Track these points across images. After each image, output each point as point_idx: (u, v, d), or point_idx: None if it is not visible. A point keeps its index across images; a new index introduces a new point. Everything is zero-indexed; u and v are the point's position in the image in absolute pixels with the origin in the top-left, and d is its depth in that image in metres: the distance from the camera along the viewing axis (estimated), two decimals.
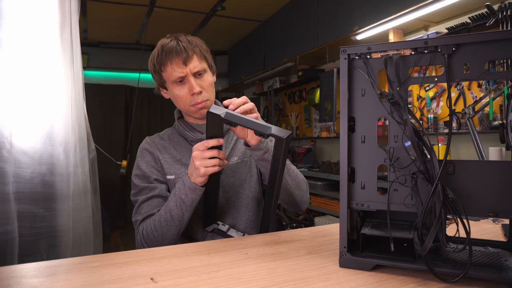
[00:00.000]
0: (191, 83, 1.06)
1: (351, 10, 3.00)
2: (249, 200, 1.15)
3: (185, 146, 1.16)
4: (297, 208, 1.14)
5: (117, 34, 4.82)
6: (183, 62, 1.05)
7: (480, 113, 2.33)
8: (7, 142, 1.07)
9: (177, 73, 1.06)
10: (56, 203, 1.20)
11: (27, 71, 1.15)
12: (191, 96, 1.07)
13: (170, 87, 1.11)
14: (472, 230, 0.97)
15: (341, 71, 0.69)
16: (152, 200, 1.07)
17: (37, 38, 1.17)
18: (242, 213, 1.13)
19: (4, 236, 1.03)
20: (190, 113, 1.12)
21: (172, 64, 1.06)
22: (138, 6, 3.82)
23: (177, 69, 1.06)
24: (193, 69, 1.06)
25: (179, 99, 1.10)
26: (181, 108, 1.14)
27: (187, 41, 1.08)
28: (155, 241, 0.99)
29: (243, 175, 1.15)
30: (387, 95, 0.66)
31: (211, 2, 3.78)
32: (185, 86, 1.08)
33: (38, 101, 1.18)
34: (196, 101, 1.08)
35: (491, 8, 2.19)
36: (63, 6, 1.24)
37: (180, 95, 1.08)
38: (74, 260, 0.74)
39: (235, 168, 1.15)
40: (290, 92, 4.67)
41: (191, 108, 1.09)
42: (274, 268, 0.68)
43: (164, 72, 1.08)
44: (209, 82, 1.11)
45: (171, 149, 1.15)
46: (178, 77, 1.06)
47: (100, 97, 4.91)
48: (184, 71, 1.06)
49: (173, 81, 1.08)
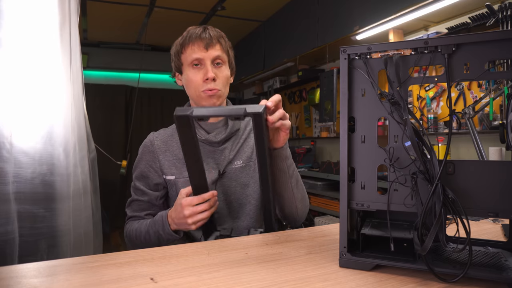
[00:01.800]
0: (207, 67, 1.04)
1: (351, 10, 3.00)
2: (251, 207, 1.12)
3: None
4: (294, 222, 1.13)
5: (117, 34, 4.82)
6: (204, 46, 1.04)
7: (480, 113, 2.33)
8: (7, 142, 1.07)
9: (196, 54, 1.04)
10: (56, 203, 1.20)
11: (27, 71, 1.15)
12: (203, 82, 1.05)
13: (185, 70, 1.08)
14: (472, 230, 0.97)
15: (341, 71, 0.69)
16: (141, 203, 1.13)
17: (36, 38, 1.17)
18: (243, 218, 1.11)
19: (4, 236, 1.03)
20: (199, 100, 1.08)
21: (193, 46, 1.04)
22: (138, 6, 3.82)
23: (197, 51, 1.04)
24: (212, 55, 1.05)
25: (191, 83, 1.07)
26: (191, 94, 1.10)
27: (214, 31, 1.08)
28: (137, 245, 1.04)
29: (246, 180, 1.12)
30: (387, 95, 0.66)
31: (211, 2, 3.78)
32: (201, 71, 1.05)
33: (38, 101, 1.18)
34: (208, 87, 1.05)
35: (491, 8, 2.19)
36: (63, 6, 1.24)
37: (193, 79, 1.06)
38: (74, 260, 0.74)
39: (239, 172, 1.11)
40: (290, 92, 4.67)
41: (201, 93, 1.06)
42: (274, 268, 0.68)
43: (183, 53, 1.07)
44: (226, 75, 1.09)
45: (175, 146, 1.13)
46: (196, 59, 1.04)
47: (100, 97, 4.91)
48: (203, 54, 1.04)
49: (190, 63, 1.06)
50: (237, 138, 1.15)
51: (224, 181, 1.09)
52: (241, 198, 1.11)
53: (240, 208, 1.11)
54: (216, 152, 1.10)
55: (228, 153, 1.11)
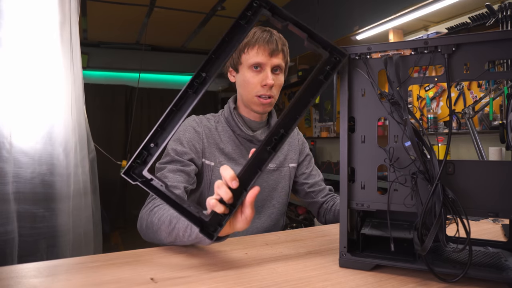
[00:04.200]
0: (267, 73, 1.04)
1: (351, 10, 3.00)
2: (274, 209, 1.15)
3: (230, 137, 1.11)
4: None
5: (117, 34, 4.82)
6: (269, 52, 1.04)
7: (480, 113, 2.33)
8: (7, 142, 1.07)
9: (259, 59, 1.04)
10: (56, 203, 1.20)
11: (27, 71, 1.15)
12: (261, 86, 1.05)
13: (243, 70, 1.08)
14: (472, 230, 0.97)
15: (341, 71, 0.69)
16: (179, 174, 0.99)
17: (37, 37, 1.17)
18: (264, 220, 1.13)
19: (4, 236, 1.03)
20: (251, 104, 1.09)
21: (259, 49, 1.04)
22: (138, 6, 3.82)
23: (261, 55, 1.04)
24: (274, 63, 1.05)
25: (249, 85, 1.07)
26: (245, 94, 1.09)
27: (279, 37, 1.08)
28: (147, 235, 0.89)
29: (274, 183, 1.14)
30: (387, 95, 0.66)
31: (211, 2, 3.78)
32: (260, 74, 1.05)
33: (38, 101, 1.18)
34: (263, 92, 1.05)
35: (491, 8, 2.19)
36: (63, 5, 1.24)
37: (252, 81, 1.06)
38: (74, 260, 0.74)
39: (269, 174, 1.14)
40: (290, 92, 4.67)
41: (255, 98, 1.07)
42: (274, 268, 0.68)
43: (246, 53, 1.06)
44: (281, 82, 1.10)
45: (215, 135, 1.11)
46: (257, 63, 1.04)
47: (100, 97, 4.90)
48: (266, 60, 1.04)
49: (250, 65, 1.05)
50: None
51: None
52: (267, 199, 1.13)
53: (263, 209, 1.13)
54: None
55: None
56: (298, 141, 1.24)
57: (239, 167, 1.07)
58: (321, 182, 1.24)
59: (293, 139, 1.23)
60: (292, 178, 1.20)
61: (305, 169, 1.23)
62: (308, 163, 1.25)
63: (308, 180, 1.21)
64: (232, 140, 1.11)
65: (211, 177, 1.07)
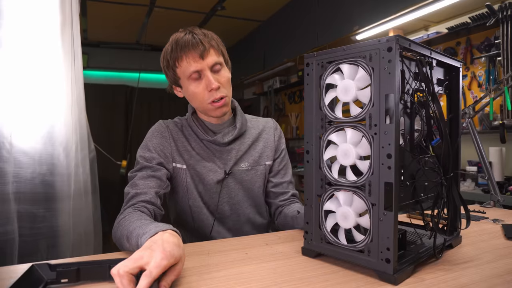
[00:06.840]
0: (209, 78, 0.99)
1: (351, 10, 3.00)
2: (251, 210, 1.13)
3: (195, 141, 1.10)
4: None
5: (117, 34, 4.83)
6: (199, 55, 0.98)
7: (480, 113, 2.33)
8: (7, 142, 1.07)
9: (193, 67, 0.99)
10: (56, 203, 1.20)
11: (27, 71, 1.15)
12: (208, 92, 1.01)
13: (185, 84, 1.04)
14: (472, 230, 0.97)
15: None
16: (150, 180, 0.99)
17: (37, 38, 1.17)
18: (244, 220, 1.13)
19: (4, 236, 1.03)
20: (208, 112, 1.05)
21: (188, 58, 0.99)
22: (138, 6, 3.82)
23: (193, 63, 0.99)
24: (210, 63, 1.00)
25: (196, 96, 1.02)
26: (197, 106, 1.07)
27: (202, 34, 1.01)
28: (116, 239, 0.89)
29: (250, 184, 1.12)
30: None
31: (211, 2, 3.78)
32: (202, 81, 1.01)
33: (38, 101, 1.18)
34: (214, 97, 1.01)
35: (491, 8, 2.19)
36: (63, 5, 1.24)
37: (196, 91, 1.01)
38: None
39: (244, 174, 1.11)
40: (290, 92, 4.68)
41: (208, 106, 1.03)
42: (274, 268, 0.68)
43: (179, 67, 1.02)
44: (227, 77, 1.05)
45: (183, 138, 1.10)
46: (194, 72, 1.00)
47: (100, 97, 4.91)
48: (200, 65, 0.99)
49: (189, 77, 1.01)
50: (244, 139, 1.13)
51: (229, 181, 1.09)
52: (243, 200, 1.12)
53: (241, 210, 1.12)
54: (223, 152, 1.09)
55: (235, 153, 1.10)
56: (274, 137, 1.19)
57: (210, 164, 1.07)
58: (286, 185, 1.18)
59: (269, 135, 1.19)
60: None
61: (278, 166, 1.18)
62: (281, 160, 1.20)
63: (274, 178, 1.17)
64: (198, 143, 1.10)
65: (186, 179, 1.07)
